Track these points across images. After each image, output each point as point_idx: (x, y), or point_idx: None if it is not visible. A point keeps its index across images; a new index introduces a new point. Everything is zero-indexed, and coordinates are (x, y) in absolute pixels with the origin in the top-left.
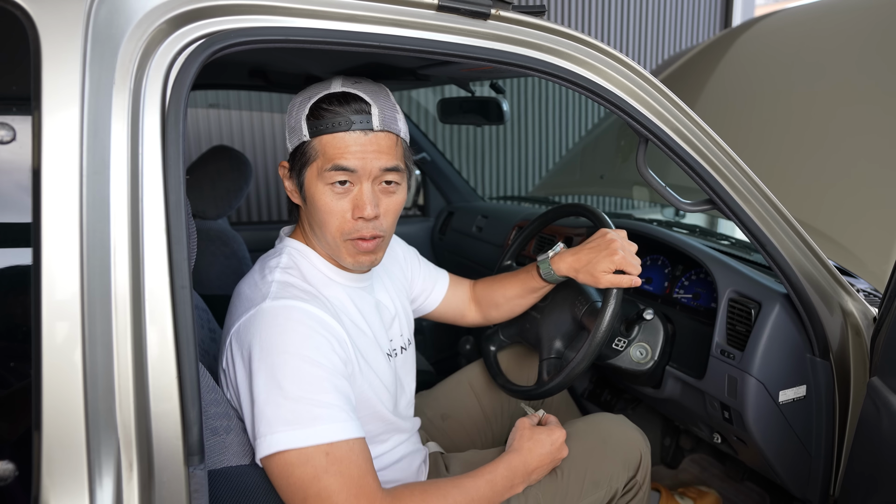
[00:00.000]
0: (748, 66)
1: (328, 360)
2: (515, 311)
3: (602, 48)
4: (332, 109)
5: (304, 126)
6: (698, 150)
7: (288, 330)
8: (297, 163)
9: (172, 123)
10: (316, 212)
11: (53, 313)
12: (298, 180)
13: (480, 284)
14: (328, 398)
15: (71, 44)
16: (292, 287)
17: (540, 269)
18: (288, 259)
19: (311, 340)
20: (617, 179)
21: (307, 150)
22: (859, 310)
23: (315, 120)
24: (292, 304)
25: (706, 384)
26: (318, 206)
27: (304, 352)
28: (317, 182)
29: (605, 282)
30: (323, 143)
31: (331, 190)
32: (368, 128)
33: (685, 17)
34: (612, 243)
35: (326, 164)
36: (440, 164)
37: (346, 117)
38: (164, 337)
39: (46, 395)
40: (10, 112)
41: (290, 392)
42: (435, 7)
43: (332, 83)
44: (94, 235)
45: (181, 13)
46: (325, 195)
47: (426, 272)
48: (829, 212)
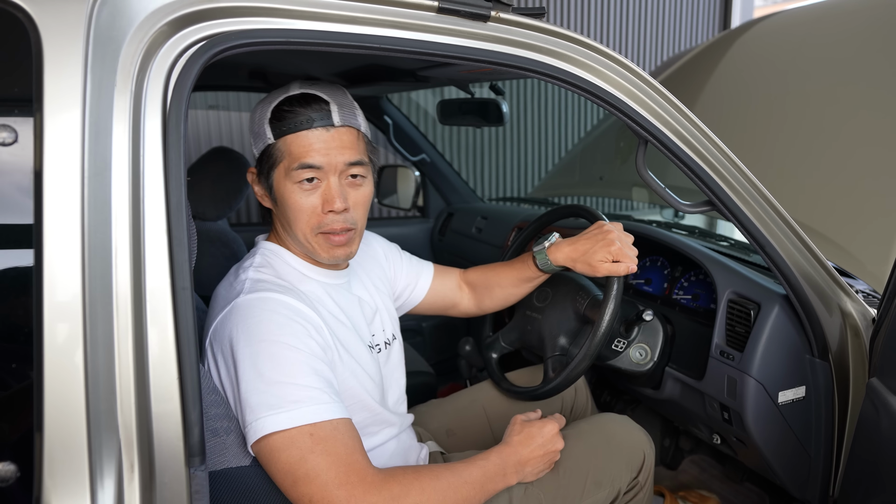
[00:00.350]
0: (747, 67)
1: (305, 344)
2: (509, 300)
3: (601, 50)
4: (292, 110)
5: (268, 129)
6: (697, 152)
7: (264, 319)
8: (265, 166)
9: (174, 125)
10: (287, 210)
11: (55, 314)
12: (267, 183)
13: (473, 272)
14: (308, 381)
15: (72, 46)
16: (265, 282)
17: (536, 259)
18: (261, 259)
19: (288, 327)
20: (616, 181)
21: (273, 153)
22: (858, 311)
23: (277, 122)
24: (267, 296)
25: (705, 385)
26: (288, 205)
27: (282, 338)
28: (285, 182)
29: (602, 270)
30: (287, 144)
31: (299, 188)
32: (329, 124)
33: (684, 19)
34: (609, 233)
35: (293, 163)
36: (440, 165)
37: (306, 115)
38: (166, 338)
39: (48, 396)
40: (11, 114)
41: (271, 377)
42: (435, 9)
43: (290, 87)
44: (96, 237)
45: (182, 15)
46: (294, 193)
47: (409, 266)
48: (828, 213)
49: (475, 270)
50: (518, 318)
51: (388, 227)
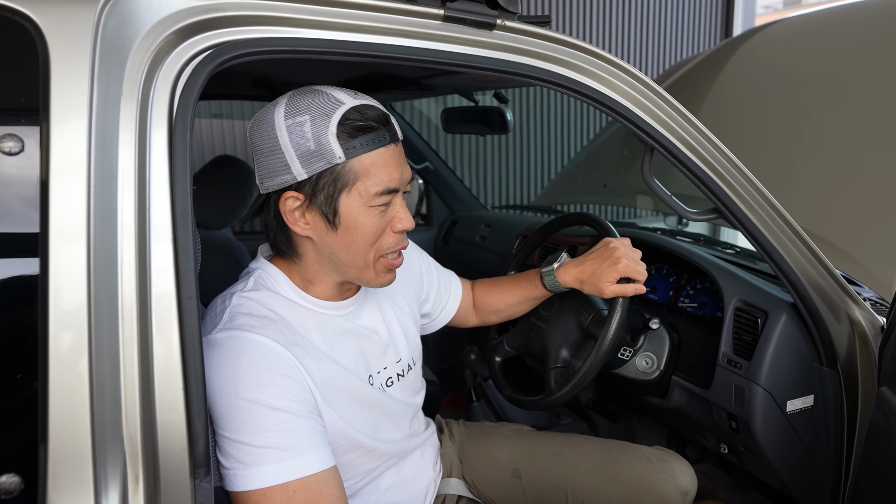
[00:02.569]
0: (750, 75)
1: (269, 396)
2: (514, 316)
3: (607, 58)
4: (367, 125)
5: (336, 146)
6: (704, 160)
7: (229, 364)
8: (324, 190)
9: (180, 134)
10: (357, 237)
11: (60, 323)
12: (329, 208)
13: (479, 288)
14: (269, 440)
15: (79, 55)
16: (243, 314)
17: (545, 280)
18: (255, 282)
19: (252, 373)
20: (620, 188)
21: (342, 173)
22: (867, 319)
23: (350, 139)
24: (237, 335)
25: (713, 394)
26: (362, 232)
27: (242, 390)
28: (360, 206)
29: (609, 292)
30: (365, 164)
31: (377, 211)
32: (396, 139)
33: (685, 28)
34: (615, 251)
35: (377, 186)
36: (443, 173)
37: (381, 132)
38: (171, 348)
39: (53, 407)
40: (18, 123)
41: (227, 432)
42: (441, 18)
43: (338, 95)
44: (102, 246)
45: (189, 24)
46: (373, 218)
47: (441, 281)
48: (833, 220)
49: (480, 289)
50: (523, 324)
51: None
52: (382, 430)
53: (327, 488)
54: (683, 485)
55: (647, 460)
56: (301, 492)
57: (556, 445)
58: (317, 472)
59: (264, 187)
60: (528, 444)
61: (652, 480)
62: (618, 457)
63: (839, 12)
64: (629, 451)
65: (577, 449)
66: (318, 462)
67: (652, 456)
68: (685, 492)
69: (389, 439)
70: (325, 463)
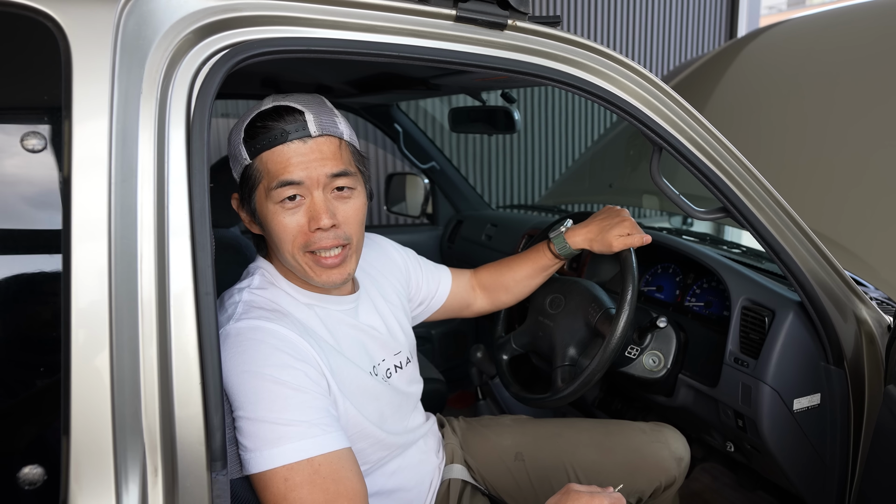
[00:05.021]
0: (755, 75)
1: (291, 376)
2: (525, 292)
3: (616, 57)
4: (265, 125)
5: (243, 149)
6: (712, 159)
7: (248, 349)
8: (245, 190)
9: (197, 132)
10: (272, 234)
11: (82, 319)
12: (250, 207)
13: (485, 271)
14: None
15: (100, 54)
16: (256, 308)
17: (554, 244)
18: (260, 279)
19: (274, 358)
20: (626, 188)
21: (251, 174)
22: (873, 318)
23: (252, 140)
24: (256, 324)
25: (719, 392)
26: (273, 227)
27: (266, 370)
28: (266, 203)
29: (618, 245)
30: (264, 162)
31: (281, 208)
32: (306, 135)
33: (690, 28)
34: (621, 211)
35: (272, 181)
36: (449, 172)
37: (280, 129)
38: (189, 343)
39: (74, 400)
40: (41, 121)
41: (255, 413)
42: (452, 18)
43: (263, 102)
44: (122, 242)
45: (207, 24)
46: (277, 214)
47: (429, 273)
48: (841, 220)
49: (486, 271)
50: (530, 322)
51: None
52: (388, 421)
53: (349, 464)
54: (678, 451)
55: (641, 432)
56: (326, 465)
57: (555, 427)
58: (339, 448)
59: None
60: (528, 429)
61: (648, 450)
62: (614, 431)
63: (844, 13)
64: (624, 426)
65: (575, 428)
66: (340, 440)
67: (646, 428)
68: (679, 458)
69: (395, 430)
70: (345, 442)
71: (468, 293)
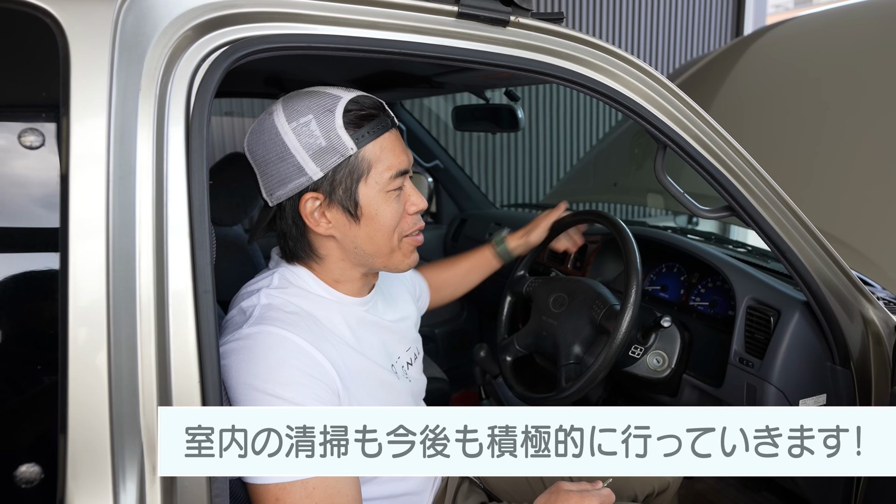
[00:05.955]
0: (761, 73)
1: (293, 394)
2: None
3: (620, 54)
4: (368, 113)
5: (347, 138)
6: (717, 157)
7: (255, 359)
8: (342, 184)
9: (196, 129)
10: (378, 226)
11: (79, 317)
12: (350, 201)
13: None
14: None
15: (99, 50)
16: (274, 309)
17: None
18: (280, 279)
19: (278, 372)
20: (630, 187)
21: (356, 164)
22: (880, 318)
23: (357, 129)
24: (268, 330)
25: (724, 392)
26: (383, 219)
27: (268, 385)
28: (378, 193)
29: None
30: (374, 151)
31: (393, 196)
32: (395, 124)
33: (696, 26)
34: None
35: (388, 170)
36: (453, 171)
37: (382, 118)
38: (187, 341)
39: (72, 399)
40: (39, 118)
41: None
42: (455, 14)
43: (335, 91)
44: (120, 240)
45: (206, 20)
46: (390, 202)
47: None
48: (846, 218)
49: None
50: (533, 322)
51: None
52: None
53: (346, 489)
54: None
55: None
56: (321, 489)
57: None
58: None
59: (275, 198)
60: None
61: None
62: None
63: (851, 10)
64: None
65: None
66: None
67: None
68: None
69: None
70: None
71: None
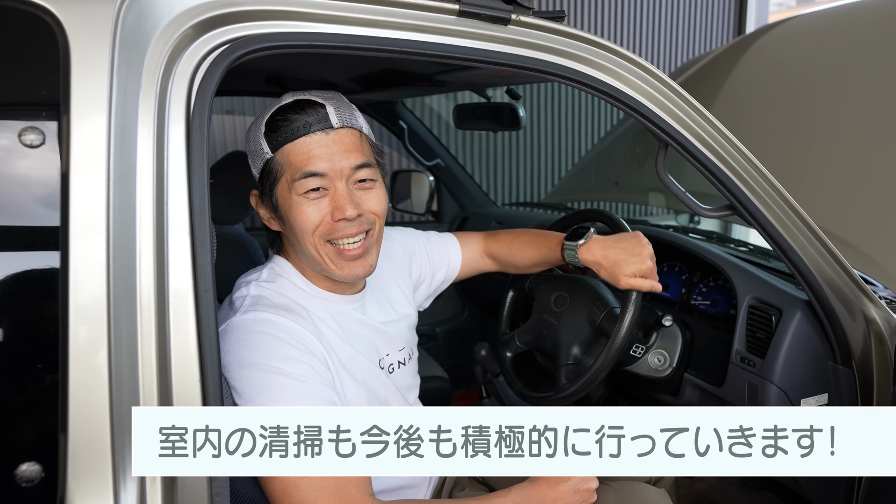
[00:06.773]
0: (763, 72)
1: (297, 369)
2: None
3: (622, 53)
4: (287, 118)
5: (264, 143)
6: (718, 155)
7: (255, 342)
8: (266, 185)
9: (197, 128)
10: (295, 225)
11: (80, 315)
12: (271, 202)
13: (496, 245)
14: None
15: (99, 49)
16: (264, 299)
17: (565, 254)
18: (268, 273)
19: (280, 351)
20: (632, 185)
21: (273, 167)
22: (882, 317)
23: (273, 133)
24: (262, 316)
25: (725, 392)
26: (295, 219)
27: (272, 363)
28: (290, 196)
29: (624, 284)
30: (286, 154)
31: (305, 199)
32: (328, 126)
33: (698, 24)
34: (644, 248)
35: (295, 173)
36: (454, 169)
37: (303, 121)
38: (188, 340)
39: (72, 397)
40: (39, 116)
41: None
42: (456, 12)
43: (282, 98)
44: (121, 238)
45: (207, 18)
46: (301, 205)
47: (437, 246)
48: (849, 218)
49: (497, 245)
50: (535, 319)
51: None
52: None
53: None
54: None
55: None
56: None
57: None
58: None
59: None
60: None
61: None
62: None
63: (852, 9)
64: None
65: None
66: None
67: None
68: None
69: None
70: None
71: (478, 261)
